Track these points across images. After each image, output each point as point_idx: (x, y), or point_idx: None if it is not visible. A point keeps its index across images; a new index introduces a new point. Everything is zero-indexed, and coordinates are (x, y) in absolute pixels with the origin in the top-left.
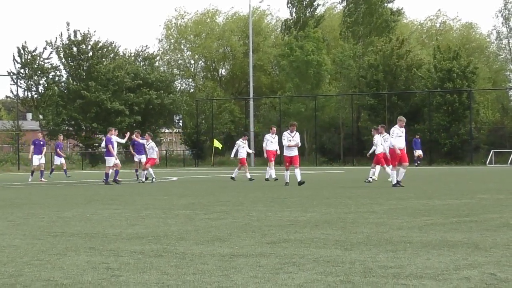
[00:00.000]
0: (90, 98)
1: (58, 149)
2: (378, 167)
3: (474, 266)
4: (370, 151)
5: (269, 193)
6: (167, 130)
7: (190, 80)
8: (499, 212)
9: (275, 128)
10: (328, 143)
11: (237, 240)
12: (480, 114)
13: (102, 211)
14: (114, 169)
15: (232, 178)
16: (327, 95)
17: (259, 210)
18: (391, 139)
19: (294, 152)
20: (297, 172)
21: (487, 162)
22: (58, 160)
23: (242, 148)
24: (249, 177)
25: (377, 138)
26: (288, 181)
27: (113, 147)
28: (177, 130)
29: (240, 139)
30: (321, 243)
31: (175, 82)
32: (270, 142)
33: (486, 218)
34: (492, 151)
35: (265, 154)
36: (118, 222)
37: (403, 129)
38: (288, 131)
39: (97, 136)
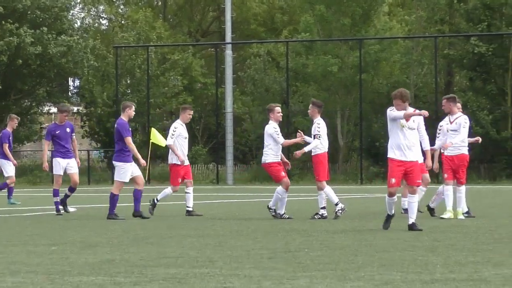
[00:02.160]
0: None
1: (5, 145)
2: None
3: None
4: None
5: (266, 240)
6: (54, 110)
7: (101, 8)
8: None
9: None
10: (384, 138)
11: None
12: None
13: None
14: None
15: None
16: (384, 38)
17: (246, 276)
18: None
19: (417, 154)
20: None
21: None
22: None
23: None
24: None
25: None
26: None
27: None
28: (76, 109)
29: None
30: None
31: (71, 12)
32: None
33: None
34: None
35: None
36: None
37: None
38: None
39: None
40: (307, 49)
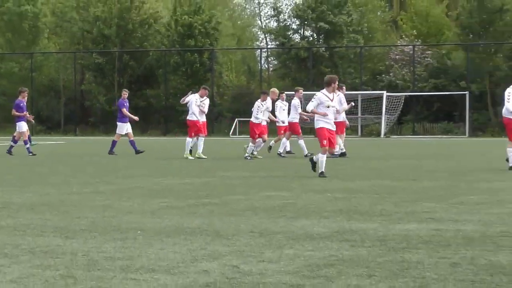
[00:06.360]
0: None
1: None
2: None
3: (214, 257)
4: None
5: None
6: None
7: None
8: (244, 193)
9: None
10: (46, 109)
11: None
12: (224, 77)
13: None
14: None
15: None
16: (45, 52)
17: None
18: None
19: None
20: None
21: (231, 133)
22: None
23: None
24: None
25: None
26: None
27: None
28: None
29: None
30: (39, 230)
31: None
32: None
33: (229, 200)
34: (236, 119)
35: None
36: None
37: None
38: None
39: None
40: (1, 59)
